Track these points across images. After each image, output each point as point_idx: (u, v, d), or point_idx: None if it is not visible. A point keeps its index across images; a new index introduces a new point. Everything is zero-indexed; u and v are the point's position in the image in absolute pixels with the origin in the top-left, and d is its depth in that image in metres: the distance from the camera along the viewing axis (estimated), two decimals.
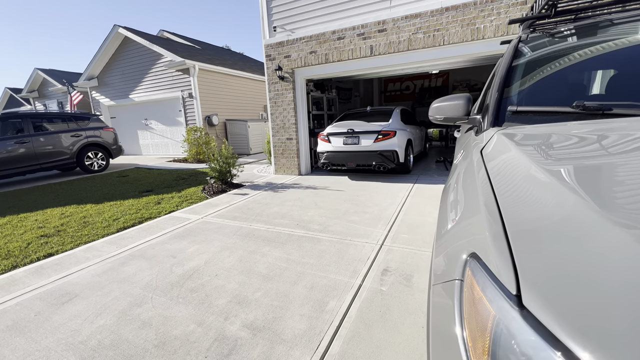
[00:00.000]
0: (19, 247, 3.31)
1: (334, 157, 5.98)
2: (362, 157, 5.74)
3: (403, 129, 5.91)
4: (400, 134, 5.66)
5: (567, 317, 0.36)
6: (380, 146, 5.56)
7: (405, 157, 5.79)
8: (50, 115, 7.92)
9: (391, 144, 5.54)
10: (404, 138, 5.75)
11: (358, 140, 5.71)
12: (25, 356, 1.74)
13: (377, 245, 2.98)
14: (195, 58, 10.72)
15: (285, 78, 6.93)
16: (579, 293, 0.38)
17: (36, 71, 16.73)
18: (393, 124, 5.81)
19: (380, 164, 5.65)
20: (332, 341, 1.75)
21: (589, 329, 0.34)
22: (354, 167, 5.95)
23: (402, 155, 5.66)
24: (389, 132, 5.53)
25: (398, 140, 5.58)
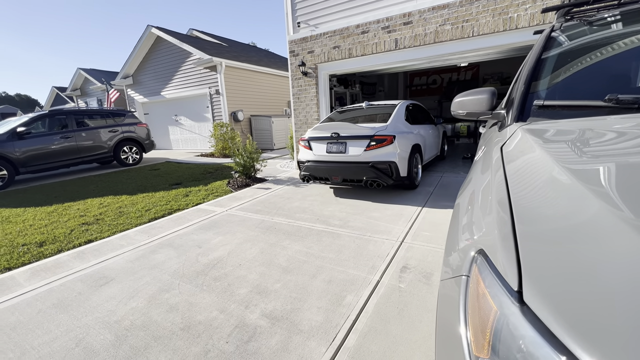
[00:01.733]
0: (63, 233, 3.62)
1: (316, 168, 4.50)
2: (350, 170, 4.23)
3: (407, 132, 4.51)
4: (401, 139, 4.23)
5: (566, 314, 0.36)
6: (373, 156, 4.10)
7: (410, 169, 4.37)
8: (90, 112, 8.51)
9: (388, 153, 4.08)
10: (407, 144, 4.35)
11: (345, 148, 4.25)
12: (67, 332, 1.92)
13: (397, 242, 2.95)
14: (222, 55, 11.01)
15: (308, 74, 6.96)
16: (580, 292, 0.38)
17: (78, 71, 17.95)
18: (392, 125, 4.35)
19: (372, 179, 4.16)
20: (348, 334, 1.77)
21: (588, 327, 0.34)
22: (339, 183, 4.49)
23: (404, 168, 4.24)
24: (384, 138, 4.07)
25: (398, 147, 4.14)
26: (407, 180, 4.33)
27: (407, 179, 4.32)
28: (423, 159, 5.07)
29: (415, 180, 4.60)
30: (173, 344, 1.77)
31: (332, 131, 4.32)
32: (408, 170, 4.31)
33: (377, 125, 4.37)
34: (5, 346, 1.83)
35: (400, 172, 4.17)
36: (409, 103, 5.13)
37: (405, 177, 4.27)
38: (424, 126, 5.34)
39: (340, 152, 4.30)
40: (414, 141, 4.57)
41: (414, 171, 4.61)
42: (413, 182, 4.51)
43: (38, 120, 7.26)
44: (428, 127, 5.56)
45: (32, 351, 1.77)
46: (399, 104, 4.90)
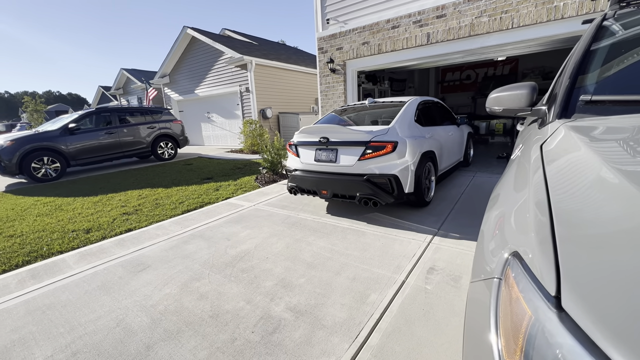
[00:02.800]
0: (107, 222, 3.92)
1: (302, 179, 3.69)
2: (340, 183, 3.41)
3: (415, 137, 3.56)
4: (407, 145, 3.33)
5: (610, 323, 0.34)
6: (368, 167, 3.29)
7: (418, 183, 3.47)
8: (131, 109, 9.08)
9: (388, 164, 3.26)
10: (415, 151, 3.41)
11: (335, 156, 3.45)
12: (109, 312, 2.09)
13: (425, 242, 2.88)
14: (252, 54, 11.27)
15: (336, 70, 6.93)
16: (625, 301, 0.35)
17: (121, 71, 19.22)
18: (395, 128, 3.45)
19: (367, 197, 3.31)
20: (372, 333, 1.76)
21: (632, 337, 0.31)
22: (328, 198, 3.71)
23: (409, 182, 3.35)
24: (383, 144, 3.24)
25: (402, 156, 3.30)
26: (413, 197, 3.48)
27: (413, 196, 3.45)
28: (438, 168, 4.07)
29: (425, 195, 3.70)
30: (203, 330, 1.86)
31: (321, 135, 3.46)
32: (415, 185, 3.41)
33: (376, 128, 3.47)
34: (57, 321, 2.02)
35: (403, 187, 3.30)
36: (422, 100, 4.21)
37: (411, 193, 3.39)
38: (442, 128, 4.48)
39: (330, 160, 3.47)
40: (425, 147, 3.62)
41: (425, 185, 3.71)
42: (422, 198, 3.59)
43: (86, 117, 7.88)
44: (447, 129, 4.66)
45: (80, 327, 1.95)
46: (409, 101, 4.00)
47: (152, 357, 1.68)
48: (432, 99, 4.67)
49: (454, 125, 5.00)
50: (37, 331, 1.94)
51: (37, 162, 6.76)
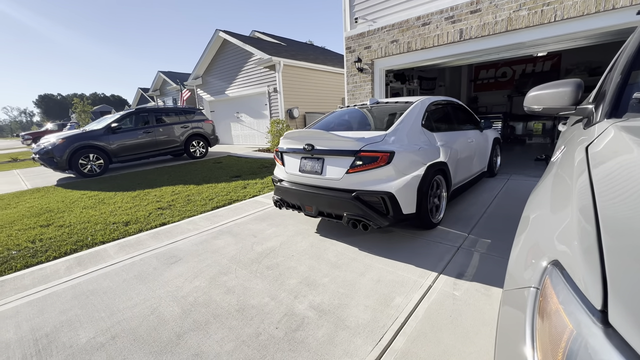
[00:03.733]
0: (143, 216, 4.16)
1: (286, 191, 3.18)
2: (326, 199, 2.84)
3: (422, 145, 2.99)
4: (407, 156, 2.78)
5: None
6: (358, 182, 2.72)
7: (422, 202, 2.85)
8: (167, 110, 9.58)
9: (381, 178, 2.68)
10: (418, 163, 2.87)
11: (321, 167, 2.92)
12: (145, 300, 2.22)
13: (454, 247, 2.77)
14: (280, 55, 11.46)
15: (364, 69, 6.87)
16: None
17: (158, 73, 20.32)
18: (394, 135, 2.84)
19: (355, 218, 2.72)
20: (396, 337, 1.73)
21: None
22: (313, 215, 3.06)
23: (410, 200, 2.77)
24: (376, 155, 2.66)
25: (400, 169, 2.71)
26: (415, 219, 2.88)
27: (415, 217, 2.85)
28: (451, 183, 3.39)
29: (432, 216, 3.10)
30: (229, 323, 1.93)
31: (306, 142, 2.97)
32: (418, 204, 2.82)
33: (371, 134, 2.87)
34: (99, 306, 2.18)
35: (402, 207, 2.69)
36: (434, 100, 3.57)
37: (412, 214, 2.80)
38: (459, 133, 3.80)
39: (316, 172, 2.95)
40: (433, 158, 3.03)
41: (433, 203, 3.15)
42: (427, 220, 2.99)
43: (126, 118, 8.42)
44: (467, 135, 3.95)
45: (118, 313, 2.09)
46: (416, 102, 3.37)
47: (183, 345, 1.76)
48: (449, 99, 4.01)
49: (475, 130, 4.33)
50: (81, 314, 2.11)
51: (84, 158, 7.33)
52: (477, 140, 4.22)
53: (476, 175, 4.36)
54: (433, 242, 2.90)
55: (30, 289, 2.47)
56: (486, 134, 4.67)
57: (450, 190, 3.43)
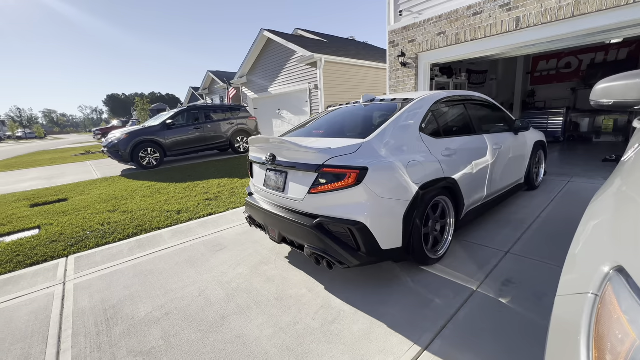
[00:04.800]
0: (193, 206, 4.50)
1: (253, 208, 2.64)
2: (287, 224, 2.25)
3: (414, 159, 2.25)
4: (391, 173, 2.10)
5: None
6: (321, 205, 2.11)
7: (412, 233, 2.18)
8: (215, 107, 10.18)
9: (350, 203, 2.02)
10: (407, 183, 2.14)
11: (284, 183, 2.35)
12: (193, 283, 2.42)
13: (501, 252, 2.60)
14: (322, 51, 11.52)
15: (407, 64, 6.65)
16: None
17: (208, 73, 21.61)
18: (371, 145, 2.17)
19: (318, 253, 2.08)
20: (434, 339, 1.68)
21: None
22: (277, 241, 2.46)
23: (393, 233, 2.11)
24: (343, 171, 2.01)
25: (378, 190, 2.03)
26: (402, 254, 2.18)
27: (402, 252, 2.17)
28: (463, 203, 2.64)
29: (428, 249, 2.39)
30: (269, 310, 2.02)
31: (269, 151, 2.42)
32: (406, 236, 2.14)
33: (343, 143, 2.18)
34: (155, 285, 2.43)
35: (379, 241, 2.03)
36: (442, 97, 2.79)
37: (396, 249, 2.13)
38: (479, 138, 2.96)
39: (278, 188, 2.39)
40: (431, 174, 2.29)
41: (433, 232, 2.44)
42: (421, 255, 2.28)
43: (179, 115, 9.10)
44: (492, 139, 3.11)
45: (171, 292, 2.30)
46: (417, 99, 2.63)
47: (227, 327, 1.90)
48: (468, 93, 3.23)
49: (507, 132, 3.45)
50: (141, 290, 2.36)
51: (143, 152, 8.09)
52: (509, 146, 3.37)
53: (507, 189, 3.47)
54: (477, 245, 2.74)
55: (100, 265, 2.82)
56: (523, 137, 3.74)
57: (462, 213, 2.67)
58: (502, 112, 3.62)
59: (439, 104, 2.73)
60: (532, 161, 3.97)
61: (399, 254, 2.17)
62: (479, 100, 3.34)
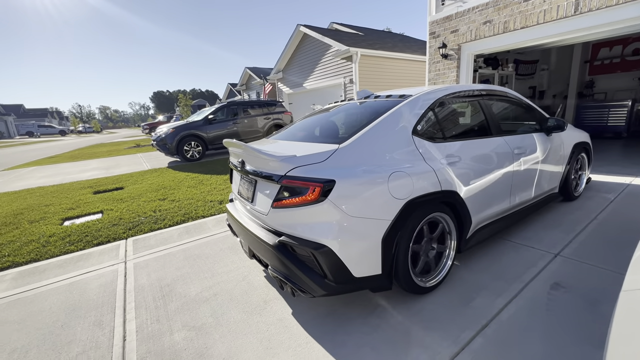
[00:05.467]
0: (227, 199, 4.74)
1: (229, 217, 2.46)
2: (254, 238, 1.99)
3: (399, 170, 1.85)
4: (365, 188, 1.74)
5: None
6: (286, 222, 1.83)
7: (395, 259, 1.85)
8: (252, 102, 10.53)
9: (314, 222, 1.72)
10: (387, 200, 1.78)
11: (253, 192, 2.11)
12: (237, 268, 2.58)
13: (551, 254, 2.46)
14: (358, 45, 11.39)
15: (448, 56, 6.37)
16: None
17: (245, 69, 22.31)
18: (348, 151, 1.84)
19: (281, 277, 1.82)
20: (475, 337, 1.66)
21: None
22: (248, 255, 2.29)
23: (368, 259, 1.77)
24: (305, 184, 1.70)
25: (350, 208, 1.70)
26: (376, 284, 1.84)
27: (383, 279, 1.84)
28: (470, 221, 2.25)
29: (416, 276, 2.01)
30: (307, 298, 2.11)
31: (241, 157, 2.21)
32: (385, 262, 1.82)
33: (313, 149, 1.89)
34: (203, 268, 2.63)
35: (349, 268, 1.72)
36: (449, 92, 2.39)
37: (372, 278, 1.81)
38: (495, 141, 2.51)
39: (248, 198, 2.16)
40: (422, 187, 1.91)
41: (425, 258, 2.08)
42: (408, 282, 1.94)
43: (219, 110, 9.55)
44: (515, 142, 2.66)
45: (217, 275, 2.48)
46: (415, 95, 2.24)
47: (269, 310, 2.02)
48: (486, 87, 2.73)
49: (536, 133, 2.94)
50: (191, 272, 2.57)
51: (187, 145, 8.62)
52: (537, 149, 2.87)
53: (533, 202, 2.96)
54: (524, 247, 2.60)
55: (154, 248, 3.11)
56: (558, 139, 3.17)
57: (468, 232, 2.26)
58: (531, 110, 3.11)
59: (443, 101, 2.33)
60: (570, 167, 3.39)
61: (378, 282, 1.83)
62: (501, 95, 2.85)
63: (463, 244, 2.25)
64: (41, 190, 6.01)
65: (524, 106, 3.07)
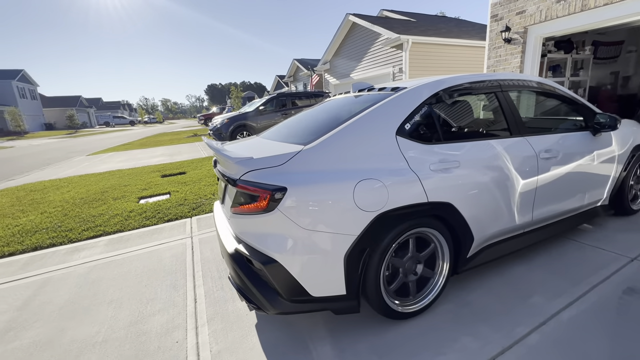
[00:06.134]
0: None
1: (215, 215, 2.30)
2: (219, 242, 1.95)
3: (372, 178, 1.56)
4: (327, 196, 1.50)
5: None
6: (243, 230, 1.67)
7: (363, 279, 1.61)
8: (300, 94, 10.79)
9: (265, 233, 1.54)
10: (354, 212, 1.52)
11: (223, 193, 2.04)
12: None
13: (626, 257, 2.23)
14: (409, 32, 10.93)
15: (512, 40, 5.85)
16: None
17: (293, 61, 22.72)
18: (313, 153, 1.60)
19: (235, 287, 1.72)
20: (531, 333, 1.61)
21: None
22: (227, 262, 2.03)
23: (328, 277, 1.55)
24: (255, 190, 1.52)
25: (305, 220, 1.49)
26: (341, 305, 1.62)
27: (345, 302, 1.61)
28: (470, 238, 1.88)
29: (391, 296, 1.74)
30: None
31: (214, 156, 2.09)
32: (350, 282, 1.58)
33: (276, 150, 1.69)
34: None
35: (304, 286, 1.54)
36: (451, 85, 1.98)
37: (335, 298, 1.59)
38: (519, 142, 2.08)
39: (220, 198, 2.15)
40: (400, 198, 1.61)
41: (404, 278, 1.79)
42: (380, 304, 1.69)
43: (269, 102, 9.95)
44: (542, 143, 2.17)
45: None
46: (408, 89, 1.91)
47: None
48: (506, 77, 2.20)
49: (580, 132, 2.44)
50: None
51: (240, 134, 9.18)
52: (578, 152, 2.33)
53: (569, 216, 2.45)
54: (592, 247, 2.39)
55: (212, 228, 3.44)
56: (609, 139, 2.55)
57: (468, 251, 1.89)
58: (574, 104, 2.51)
59: (445, 95, 1.94)
60: (627, 174, 2.69)
61: (342, 303, 1.59)
62: (531, 86, 2.34)
63: (461, 264, 1.89)
64: (119, 172, 6.91)
65: (565, 100, 2.51)
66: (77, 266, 2.73)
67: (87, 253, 2.98)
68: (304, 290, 1.53)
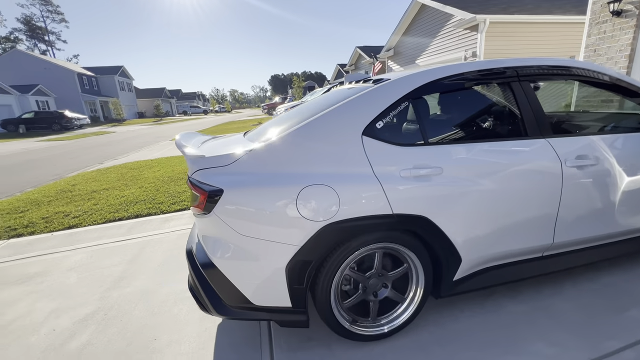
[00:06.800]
0: None
1: None
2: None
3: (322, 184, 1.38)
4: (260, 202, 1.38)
5: None
6: (199, 228, 1.66)
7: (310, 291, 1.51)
8: None
9: (207, 233, 1.54)
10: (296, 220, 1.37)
11: None
12: None
13: None
14: (487, 11, 9.86)
15: (623, 12, 4.90)
16: None
17: (355, 49, 22.39)
18: (263, 152, 1.47)
19: (188, 284, 1.71)
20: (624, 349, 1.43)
21: None
22: None
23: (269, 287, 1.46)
24: (198, 190, 1.46)
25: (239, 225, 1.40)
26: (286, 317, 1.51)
27: (291, 316, 1.50)
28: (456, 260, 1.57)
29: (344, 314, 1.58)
30: None
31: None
32: (295, 296, 1.46)
33: (232, 149, 1.55)
34: None
35: (245, 294, 1.47)
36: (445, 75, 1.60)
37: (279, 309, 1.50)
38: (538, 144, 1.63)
39: None
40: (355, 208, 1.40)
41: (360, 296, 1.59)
42: (330, 320, 1.54)
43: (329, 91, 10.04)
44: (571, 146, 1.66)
45: None
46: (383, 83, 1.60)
47: None
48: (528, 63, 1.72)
49: (635, 132, 1.85)
50: None
51: None
52: (624, 157, 1.75)
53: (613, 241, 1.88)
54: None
55: None
56: None
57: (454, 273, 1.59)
58: (632, 95, 1.88)
59: (431, 89, 1.62)
60: None
61: (288, 316, 1.49)
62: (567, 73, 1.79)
63: (445, 287, 1.61)
64: None
65: (619, 90, 1.88)
66: (169, 233, 3.20)
67: (175, 223, 3.47)
68: (245, 298, 1.46)
